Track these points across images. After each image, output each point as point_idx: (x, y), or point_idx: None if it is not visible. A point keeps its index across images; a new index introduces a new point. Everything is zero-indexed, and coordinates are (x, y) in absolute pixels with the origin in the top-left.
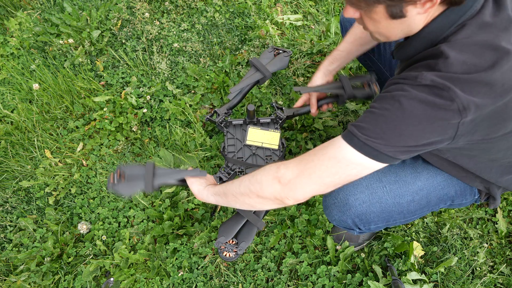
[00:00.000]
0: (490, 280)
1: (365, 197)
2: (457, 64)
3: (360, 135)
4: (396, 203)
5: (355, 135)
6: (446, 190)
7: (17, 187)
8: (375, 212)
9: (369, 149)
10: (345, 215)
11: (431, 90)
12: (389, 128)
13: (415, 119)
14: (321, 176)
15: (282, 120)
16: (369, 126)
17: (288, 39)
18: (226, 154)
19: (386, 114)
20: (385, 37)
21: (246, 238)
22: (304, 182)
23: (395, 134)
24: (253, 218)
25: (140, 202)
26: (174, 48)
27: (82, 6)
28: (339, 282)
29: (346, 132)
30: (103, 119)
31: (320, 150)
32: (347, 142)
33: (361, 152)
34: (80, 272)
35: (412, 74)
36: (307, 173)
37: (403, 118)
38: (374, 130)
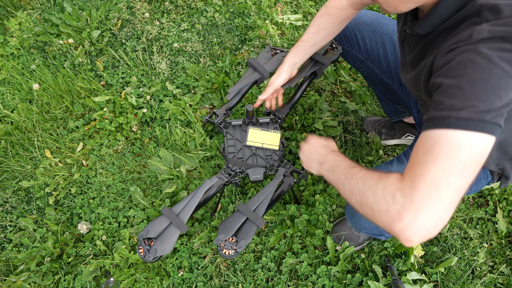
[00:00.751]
0: (490, 280)
1: None
2: (505, 8)
3: (457, 112)
4: None
5: (450, 117)
6: None
7: (17, 187)
8: None
9: (476, 122)
10: None
11: (493, 40)
12: (480, 89)
13: (497, 68)
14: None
15: (281, 120)
16: (457, 100)
17: (288, 39)
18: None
19: (467, 79)
20: (393, 7)
21: (246, 236)
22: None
23: (489, 91)
24: (253, 216)
25: (140, 202)
26: (174, 48)
27: (82, 6)
28: (339, 282)
29: (436, 122)
30: (103, 119)
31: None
32: (449, 128)
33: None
34: (80, 272)
35: (463, 35)
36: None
37: (484, 72)
38: (467, 99)
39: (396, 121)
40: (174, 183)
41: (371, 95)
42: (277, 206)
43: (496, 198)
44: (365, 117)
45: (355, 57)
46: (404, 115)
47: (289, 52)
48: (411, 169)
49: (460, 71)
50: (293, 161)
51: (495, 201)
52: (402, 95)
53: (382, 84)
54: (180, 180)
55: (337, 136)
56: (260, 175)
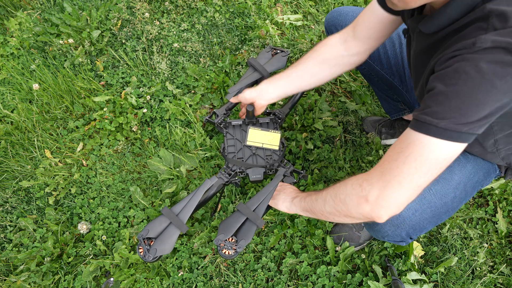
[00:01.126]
0: (490, 280)
1: (416, 205)
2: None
3: (438, 121)
4: (443, 204)
5: (431, 124)
6: (477, 176)
7: (17, 187)
8: (427, 219)
9: (452, 134)
10: (400, 229)
11: (495, 51)
12: (464, 102)
13: (487, 84)
14: (413, 180)
15: (281, 120)
16: (442, 108)
17: (288, 39)
18: (226, 155)
19: (456, 90)
20: (403, 2)
21: (246, 236)
22: (395, 193)
23: (472, 105)
24: (253, 216)
25: (140, 202)
26: (174, 48)
27: (82, 6)
28: (339, 282)
29: (419, 124)
30: (103, 119)
31: (398, 153)
32: (426, 134)
33: (445, 138)
34: (80, 272)
35: (467, 42)
36: (396, 182)
37: (474, 87)
38: (450, 110)
39: (396, 120)
40: (174, 183)
41: (371, 95)
42: None
43: (496, 198)
44: (365, 117)
45: (368, 65)
46: (404, 112)
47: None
48: (383, 164)
49: (452, 80)
50: (293, 161)
51: (495, 201)
52: (404, 91)
53: (383, 81)
54: (180, 180)
55: (337, 136)
56: (260, 175)
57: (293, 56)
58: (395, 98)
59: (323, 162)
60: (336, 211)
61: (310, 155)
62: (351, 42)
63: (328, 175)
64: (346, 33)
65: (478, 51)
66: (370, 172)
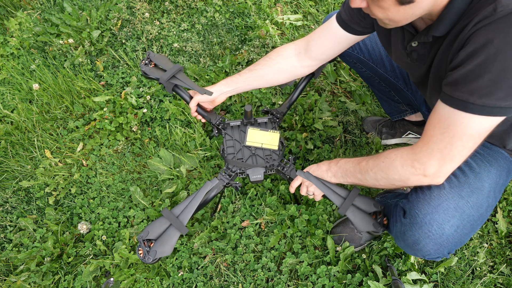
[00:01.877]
0: (490, 280)
1: (457, 221)
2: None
3: (475, 98)
4: (480, 215)
5: (468, 101)
6: (502, 178)
7: (17, 187)
8: (466, 233)
9: (491, 109)
10: (442, 247)
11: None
12: (499, 75)
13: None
14: (462, 154)
15: (279, 119)
16: (475, 85)
17: (288, 39)
18: (226, 156)
19: (488, 64)
20: (395, 22)
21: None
22: (449, 167)
23: (508, 78)
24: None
25: (140, 202)
26: (174, 48)
27: (82, 6)
28: (339, 282)
29: (456, 102)
30: (103, 119)
31: (442, 134)
32: (465, 111)
33: (484, 114)
34: (80, 272)
35: (487, 10)
36: (448, 159)
37: (506, 58)
38: (485, 86)
39: (397, 120)
40: (174, 183)
41: (371, 95)
42: (277, 206)
43: None
44: (365, 117)
45: (357, 59)
46: (406, 113)
47: (224, 79)
48: (428, 144)
49: (481, 55)
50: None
51: None
52: (409, 93)
53: (386, 83)
54: (180, 180)
55: (337, 136)
56: (260, 175)
57: None
58: (396, 100)
59: None
60: (390, 183)
61: (310, 155)
62: (303, 56)
63: None
64: (300, 46)
65: (501, 18)
66: (416, 151)
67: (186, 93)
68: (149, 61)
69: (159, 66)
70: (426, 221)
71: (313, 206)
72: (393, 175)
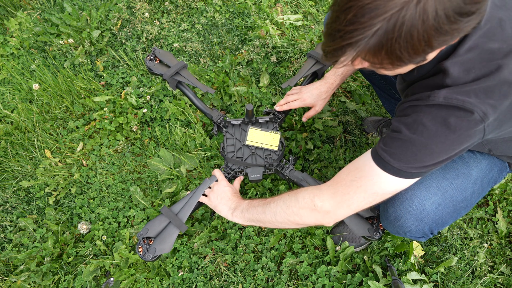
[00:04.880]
0: (490, 280)
1: (439, 199)
2: (463, 75)
3: (394, 162)
4: (464, 198)
5: (388, 163)
6: (492, 172)
7: (17, 187)
8: (449, 213)
9: (404, 173)
10: (423, 223)
11: (447, 108)
12: (419, 151)
13: (442, 137)
14: (359, 205)
15: (280, 119)
16: (399, 152)
17: (288, 39)
18: (226, 154)
19: (413, 139)
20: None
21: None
22: (343, 211)
23: (426, 154)
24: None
25: (140, 202)
26: (174, 48)
27: (82, 6)
28: (339, 282)
29: (378, 158)
30: (103, 119)
31: (352, 181)
32: (381, 169)
33: (397, 176)
34: (80, 272)
35: (424, 94)
36: (345, 204)
37: (430, 139)
38: (406, 155)
39: None
40: (174, 183)
41: (371, 95)
42: None
43: (496, 198)
44: (366, 117)
45: None
46: None
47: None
48: (336, 185)
49: (411, 129)
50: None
51: (495, 201)
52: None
53: (385, 81)
54: (180, 180)
55: (337, 136)
56: (259, 174)
57: (293, 56)
58: (397, 97)
59: (323, 162)
60: (289, 221)
61: (310, 155)
62: None
63: (328, 175)
64: None
65: (433, 106)
66: (322, 188)
67: (189, 90)
68: (154, 57)
69: (164, 62)
70: (408, 197)
71: None
72: (292, 208)
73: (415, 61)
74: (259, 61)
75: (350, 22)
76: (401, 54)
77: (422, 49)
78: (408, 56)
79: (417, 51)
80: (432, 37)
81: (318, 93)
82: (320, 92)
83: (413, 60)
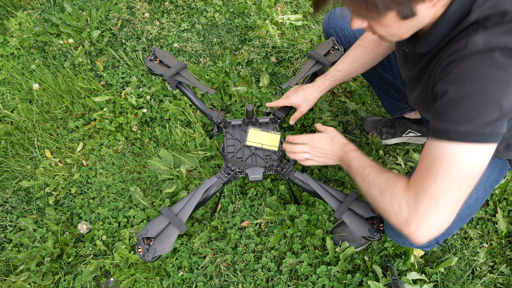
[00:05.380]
0: (490, 280)
1: None
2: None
3: (456, 126)
4: (468, 206)
5: (450, 130)
6: (494, 174)
7: (17, 187)
8: (454, 222)
9: (474, 136)
10: None
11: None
12: (478, 102)
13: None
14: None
15: (281, 120)
16: (456, 113)
17: (288, 39)
18: (226, 154)
19: (465, 91)
20: (397, 37)
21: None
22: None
23: (487, 103)
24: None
25: (140, 202)
26: (174, 48)
27: (82, 6)
28: (339, 282)
29: (438, 133)
30: (103, 119)
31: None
32: (448, 140)
33: (469, 141)
34: (80, 272)
35: (460, 44)
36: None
37: (483, 84)
38: (466, 113)
39: (396, 119)
40: (174, 183)
41: (371, 95)
42: (277, 206)
43: (496, 198)
44: (365, 117)
45: (375, 71)
46: (405, 110)
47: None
48: (415, 181)
49: (459, 84)
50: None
51: (495, 201)
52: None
53: (384, 81)
54: (180, 180)
55: None
56: (259, 175)
57: (293, 56)
58: (396, 97)
59: None
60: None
61: None
62: None
63: (328, 175)
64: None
65: (473, 53)
66: (410, 186)
67: (189, 90)
68: (154, 57)
69: (164, 62)
70: None
71: (313, 206)
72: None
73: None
74: (259, 61)
75: None
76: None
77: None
78: None
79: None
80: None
81: (304, 94)
82: (306, 93)
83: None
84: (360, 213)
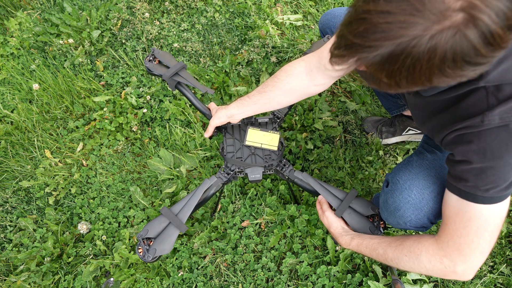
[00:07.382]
0: (490, 280)
1: (438, 187)
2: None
3: (483, 192)
4: None
5: (479, 195)
6: None
7: (17, 187)
8: None
9: (500, 197)
10: (422, 212)
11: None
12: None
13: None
14: (490, 245)
15: (280, 119)
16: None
17: (288, 39)
18: (225, 154)
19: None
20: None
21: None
22: (480, 260)
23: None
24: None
25: (140, 202)
26: (174, 48)
27: (82, 6)
28: (339, 282)
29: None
30: (103, 119)
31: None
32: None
33: (497, 202)
34: (80, 272)
35: (475, 121)
36: (478, 253)
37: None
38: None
39: (395, 117)
40: (174, 183)
41: (371, 95)
42: (277, 206)
43: None
44: (365, 117)
45: None
46: (404, 108)
47: (235, 101)
48: (453, 238)
49: (480, 155)
50: (293, 161)
51: None
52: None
53: None
54: (180, 180)
55: (337, 136)
56: (259, 175)
57: (293, 57)
58: (394, 95)
59: (323, 162)
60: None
61: (310, 155)
62: (316, 74)
63: (328, 175)
64: (312, 63)
65: (491, 129)
66: (443, 246)
67: (188, 90)
68: (153, 58)
69: (163, 62)
70: (407, 187)
71: (313, 206)
72: (418, 269)
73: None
74: (259, 61)
75: (358, 35)
76: (400, 81)
77: (422, 82)
78: (406, 84)
79: (416, 83)
80: (434, 75)
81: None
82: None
83: (410, 89)
84: (360, 211)
